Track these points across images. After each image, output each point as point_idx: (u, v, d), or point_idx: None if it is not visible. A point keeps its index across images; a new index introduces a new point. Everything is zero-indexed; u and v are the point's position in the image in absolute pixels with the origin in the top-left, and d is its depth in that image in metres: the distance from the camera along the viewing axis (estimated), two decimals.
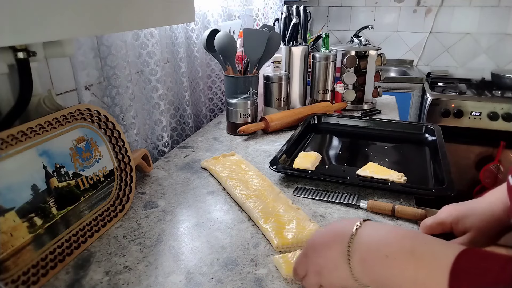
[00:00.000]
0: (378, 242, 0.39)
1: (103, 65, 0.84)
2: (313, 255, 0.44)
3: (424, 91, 2.12)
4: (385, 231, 0.40)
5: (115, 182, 0.71)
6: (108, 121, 0.69)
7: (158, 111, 1.02)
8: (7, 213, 0.50)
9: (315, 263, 0.44)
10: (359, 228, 0.41)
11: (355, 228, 0.41)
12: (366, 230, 0.41)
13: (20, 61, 0.53)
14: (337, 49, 1.35)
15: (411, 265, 0.35)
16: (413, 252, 0.36)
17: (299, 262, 0.47)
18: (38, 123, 0.55)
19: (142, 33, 0.93)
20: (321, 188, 0.80)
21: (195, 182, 0.84)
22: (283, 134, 1.15)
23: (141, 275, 0.55)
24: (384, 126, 1.12)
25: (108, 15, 0.46)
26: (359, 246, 0.40)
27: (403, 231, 0.40)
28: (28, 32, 0.36)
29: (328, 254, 0.42)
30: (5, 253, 0.49)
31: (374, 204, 0.70)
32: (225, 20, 1.37)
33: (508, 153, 1.97)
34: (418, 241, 0.37)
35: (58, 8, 0.39)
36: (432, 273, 0.34)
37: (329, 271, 0.42)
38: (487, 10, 2.31)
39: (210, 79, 1.39)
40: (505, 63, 2.39)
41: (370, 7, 2.52)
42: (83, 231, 0.62)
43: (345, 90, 1.35)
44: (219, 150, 1.02)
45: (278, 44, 1.20)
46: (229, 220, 0.69)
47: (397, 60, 2.55)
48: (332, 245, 0.42)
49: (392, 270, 0.37)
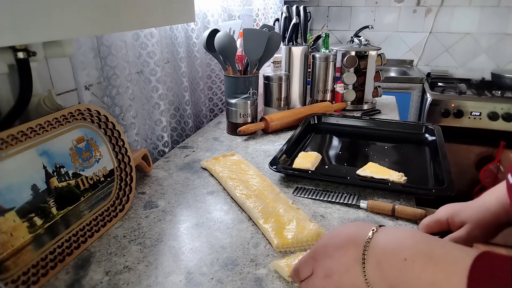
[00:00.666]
0: (396, 245, 0.38)
1: (103, 65, 0.84)
2: (324, 258, 0.43)
3: (424, 91, 2.12)
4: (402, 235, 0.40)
5: (115, 182, 0.71)
6: (108, 121, 0.69)
7: (158, 111, 1.02)
8: (7, 213, 0.50)
9: (325, 266, 0.42)
10: (376, 232, 0.40)
11: (372, 232, 0.40)
12: (383, 234, 0.40)
13: (20, 61, 0.53)
14: (337, 49, 1.35)
15: (429, 268, 0.35)
16: (431, 255, 0.36)
17: (304, 263, 0.46)
18: (38, 123, 0.55)
19: (142, 33, 0.93)
20: (321, 188, 0.80)
21: (195, 182, 0.84)
22: (283, 134, 1.15)
23: (141, 275, 0.55)
24: (384, 126, 1.12)
25: (108, 15, 0.46)
26: (375, 250, 0.39)
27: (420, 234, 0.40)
28: (28, 32, 0.36)
29: (341, 258, 0.41)
30: (5, 253, 0.49)
31: (374, 204, 0.70)
32: (225, 20, 1.37)
33: (508, 153, 1.97)
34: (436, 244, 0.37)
35: (58, 8, 0.39)
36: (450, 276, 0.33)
37: (340, 274, 0.41)
38: (487, 10, 2.31)
39: (210, 79, 1.39)
40: (505, 63, 2.39)
41: (370, 7, 2.52)
42: (83, 231, 0.62)
43: (345, 90, 1.35)
44: (219, 150, 1.02)
45: (278, 44, 1.20)
46: (229, 220, 0.69)
47: (397, 60, 2.55)
48: (347, 248, 0.41)
49: (410, 273, 0.36)
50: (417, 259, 0.36)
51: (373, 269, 0.39)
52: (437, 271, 0.34)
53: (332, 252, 0.42)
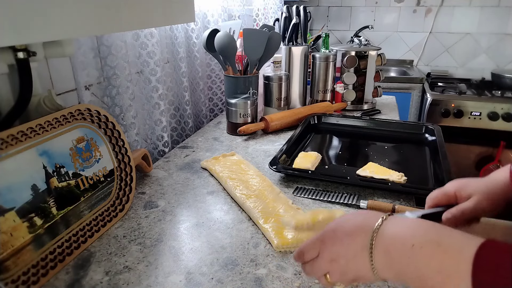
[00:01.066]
0: (404, 233, 0.39)
1: (103, 65, 0.84)
2: (332, 242, 0.44)
3: (424, 91, 2.12)
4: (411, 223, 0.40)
5: (115, 182, 0.71)
6: (108, 121, 0.69)
7: (158, 111, 1.02)
8: (7, 213, 0.50)
9: (332, 250, 0.43)
10: (385, 220, 0.41)
11: (381, 220, 0.41)
12: (392, 222, 0.41)
13: (20, 61, 0.53)
14: (337, 49, 1.35)
15: (437, 255, 0.36)
16: (439, 243, 0.36)
17: (311, 245, 0.46)
18: (38, 123, 0.55)
19: (142, 33, 0.93)
20: (321, 188, 0.80)
21: (195, 182, 0.84)
22: (283, 134, 1.15)
23: (141, 275, 0.55)
24: (384, 126, 1.12)
25: (108, 15, 0.46)
26: (384, 237, 0.40)
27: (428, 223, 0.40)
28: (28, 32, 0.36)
29: (350, 244, 0.42)
30: (5, 253, 0.49)
31: (374, 204, 0.70)
32: (225, 20, 1.37)
33: (508, 153, 1.96)
34: (443, 232, 0.38)
35: (58, 8, 0.39)
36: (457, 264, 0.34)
37: (346, 260, 0.42)
38: (487, 10, 2.31)
39: (210, 79, 1.39)
40: (505, 63, 2.38)
41: (370, 7, 2.51)
42: (83, 231, 0.62)
43: (345, 90, 1.35)
44: (219, 150, 1.02)
45: (278, 44, 1.20)
46: (229, 220, 0.69)
47: (397, 60, 2.55)
48: (356, 235, 0.42)
49: (417, 260, 0.37)
50: (425, 246, 0.37)
51: (380, 256, 0.39)
52: (445, 259, 0.35)
53: (341, 237, 0.43)
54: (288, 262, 0.58)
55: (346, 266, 0.42)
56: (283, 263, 0.57)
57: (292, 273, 0.55)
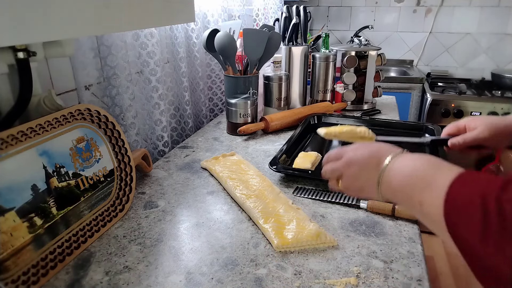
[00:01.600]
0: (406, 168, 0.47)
1: (103, 65, 0.84)
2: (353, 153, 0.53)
3: (424, 91, 2.12)
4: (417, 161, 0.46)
5: (115, 182, 0.71)
6: (108, 121, 0.69)
7: (158, 111, 1.02)
8: (7, 213, 0.50)
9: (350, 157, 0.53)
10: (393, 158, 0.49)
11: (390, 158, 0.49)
12: (399, 160, 0.48)
13: (20, 61, 0.53)
14: (337, 49, 1.35)
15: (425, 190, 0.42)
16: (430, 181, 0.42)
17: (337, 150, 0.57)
18: (38, 123, 0.55)
19: (142, 33, 0.93)
20: (321, 188, 0.80)
21: (195, 182, 0.84)
22: (283, 134, 1.15)
23: (141, 275, 0.55)
24: (384, 126, 1.12)
25: (108, 15, 0.46)
26: (389, 172, 0.48)
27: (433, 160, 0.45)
28: (28, 32, 0.36)
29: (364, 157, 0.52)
30: (5, 253, 0.49)
31: (374, 204, 0.70)
32: (225, 20, 1.37)
33: (508, 153, 1.96)
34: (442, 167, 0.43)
35: (58, 8, 0.39)
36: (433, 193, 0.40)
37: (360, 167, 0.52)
38: (487, 10, 2.31)
39: (210, 79, 1.39)
40: (505, 63, 2.38)
41: (370, 7, 2.51)
42: (83, 231, 0.62)
43: (345, 90, 1.35)
44: (219, 150, 1.02)
45: (278, 44, 1.20)
46: (229, 220, 0.69)
47: (397, 60, 2.55)
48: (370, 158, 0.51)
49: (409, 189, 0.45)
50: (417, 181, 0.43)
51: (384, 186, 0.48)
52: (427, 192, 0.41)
53: (360, 150, 0.53)
54: (288, 262, 0.58)
55: (358, 170, 0.52)
56: (283, 263, 0.57)
57: (292, 273, 0.55)
